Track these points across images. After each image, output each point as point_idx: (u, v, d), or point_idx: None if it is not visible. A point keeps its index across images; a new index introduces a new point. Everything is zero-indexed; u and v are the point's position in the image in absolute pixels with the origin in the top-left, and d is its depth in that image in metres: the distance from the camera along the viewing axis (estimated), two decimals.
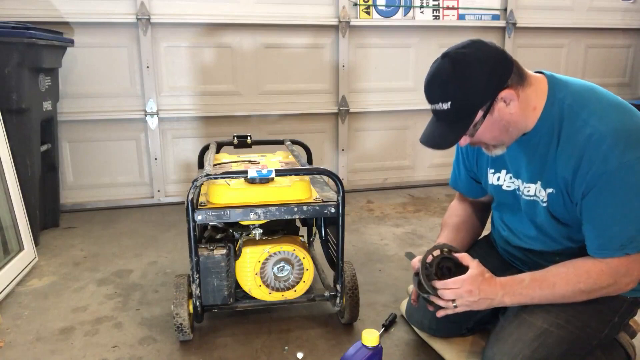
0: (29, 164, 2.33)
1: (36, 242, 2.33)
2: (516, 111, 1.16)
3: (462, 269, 1.26)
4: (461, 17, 3.41)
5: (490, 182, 1.40)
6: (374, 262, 2.25)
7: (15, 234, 2.15)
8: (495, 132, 1.18)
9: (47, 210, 2.69)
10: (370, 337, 1.22)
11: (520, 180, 1.30)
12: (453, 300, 1.23)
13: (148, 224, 2.82)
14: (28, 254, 2.18)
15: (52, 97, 2.61)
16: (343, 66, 3.27)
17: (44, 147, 2.56)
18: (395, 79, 3.42)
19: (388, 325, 1.68)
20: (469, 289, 1.21)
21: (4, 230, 2.11)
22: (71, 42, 2.65)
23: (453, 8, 3.39)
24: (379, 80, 3.40)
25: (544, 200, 1.24)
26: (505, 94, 1.13)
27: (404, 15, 3.32)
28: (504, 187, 1.36)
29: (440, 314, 1.27)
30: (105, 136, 3.05)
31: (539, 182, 1.25)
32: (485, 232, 1.64)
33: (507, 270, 1.45)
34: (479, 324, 1.52)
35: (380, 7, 3.27)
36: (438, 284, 1.24)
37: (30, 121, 2.33)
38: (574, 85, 1.20)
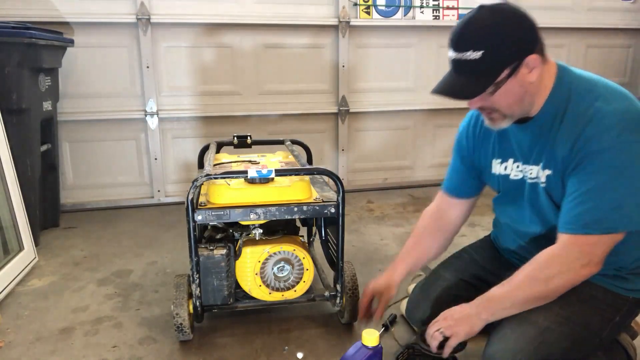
0: (29, 164, 2.34)
1: (36, 242, 2.33)
2: (535, 82, 1.15)
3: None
4: (461, 17, 3.40)
5: (496, 172, 1.38)
6: (374, 262, 2.25)
7: (15, 234, 2.15)
8: (512, 99, 1.16)
9: (47, 210, 2.69)
10: (370, 337, 1.22)
11: (526, 165, 1.29)
12: (444, 341, 1.22)
13: (148, 224, 2.82)
14: (28, 254, 2.18)
15: (52, 97, 2.61)
16: (343, 66, 3.27)
17: (44, 147, 2.55)
18: (395, 79, 3.42)
19: (388, 325, 1.68)
20: (443, 317, 1.24)
21: (4, 230, 2.11)
22: (71, 42, 2.65)
23: (453, 8, 3.39)
24: (379, 80, 3.40)
25: (543, 181, 1.24)
26: (532, 58, 1.12)
27: (404, 15, 3.32)
28: (512, 177, 1.34)
29: (446, 352, 1.25)
30: (105, 136, 3.05)
31: (541, 164, 1.24)
32: (486, 232, 1.63)
33: (508, 270, 1.45)
34: None
35: (380, 7, 3.27)
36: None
37: (30, 121, 2.33)
38: (580, 72, 1.21)
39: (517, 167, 1.33)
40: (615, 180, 1.09)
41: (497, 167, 1.38)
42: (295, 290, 1.63)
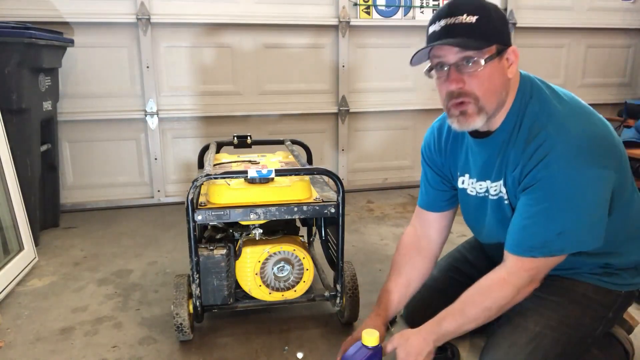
0: (29, 164, 2.33)
1: (36, 242, 2.33)
2: (511, 79, 1.16)
3: None
4: None
5: (459, 186, 1.39)
6: (374, 262, 2.25)
7: (15, 234, 2.15)
8: (492, 85, 1.12)
9: (47, 210, 2.69)
10: (370, 337, 1.22)
11: (488, 181, 1.29)
12: None
13: (148, 224, 2.82)
14: (28, 254, 2.18)
15: (52, 97, 2.61)
16: (343, 66, 3.27)
17: (44, 147, 2.55)
18: (395, 79, 3.42)
19: (388, 326, 1.68)
20: (405, 355, 1.22)
21: (4, 230, 2.11)
22: (71, 42, 2.65)
23: None
24: (379, 80, 3.40)
25: (505, 198, 1.24)
26: (513, 49, 1.14)
27: (404, 15, 3.32)
28: (468, 191, 1.36)
29: None
30: (105, 136, 3.05)
31: (501, 181, 1.24)
32: None
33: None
34: None
35: (380, 7, 3.27)
36: None
37: (30, 121, 2.33)
38: (541, 86, 1.20)
39: (472, 183, 1.33)
40: (562, 207, 1.10)
41: (459, 182, 1.39)
42: (295, 290, 1.63)
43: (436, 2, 3.35)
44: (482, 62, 1.10)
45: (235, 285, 1.61)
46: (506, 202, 1.25)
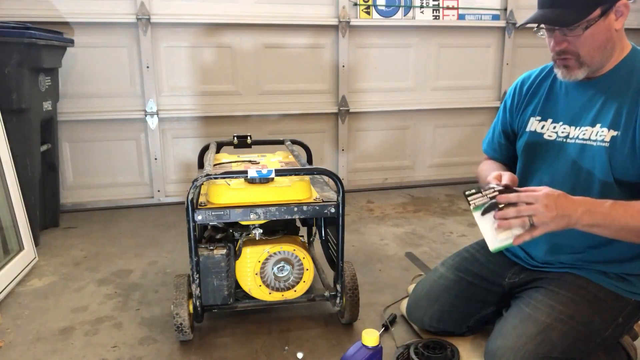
0: (29, 164, 2.33)
1: (36, 242, 2.33)
2: (619, 31, 1.21)
3: None
4: (461, 17, 3.41)
5: (532, 129, 1.41)
6: (374, 262, 2.25)
7: (15, 234, 2.15)
8: (596, 44, 1.20)
9: (47, 210, 2.69)
10: (370, 337, 1.22)
11: (573, 127, 1.31)
12: (530, 218, 1.11)
13: (148, 224, 2.82)
14: (28, 254, 2.18)
15: (52, 97, 2.61)
16: (343, 66, 3.27)
17: (44, 147, 2.55)
18: (395, 79, 3.42)
19: (388, 325, 1.68)
20: (545, 203, 1.09)
21: (4, 230, 2.11)
22: (71, 42, 2.65)
23: (453, 8, 3.39)
24: (379, 80, 3.40)
25: (607, 141, 1.23)
26: (623, 2, 1.17)
27: (404, 15, 3.32)
28: (545, 136, 1.37)
29: (517, 241, 1.13)
30: (105, 136, 3.05)
31: (599, 125, 1.25)
32: None
33: (511, 268, 1.45)
34: (479, 323, 1.52)
35: (380, 7, 3.27)
36: (512, 196, 1.14)
37: (30, 121, 2.33)
38: None
39: (554, 127, 1.35)
40: None
41: (534, 124, 1.41)
42: (295, 290, 1.63)
43: (436, 2, 3.35)
44: (582, 28, 1.18)
45: (235, 285, 1.61)
46: (604, 145, 1.23)
